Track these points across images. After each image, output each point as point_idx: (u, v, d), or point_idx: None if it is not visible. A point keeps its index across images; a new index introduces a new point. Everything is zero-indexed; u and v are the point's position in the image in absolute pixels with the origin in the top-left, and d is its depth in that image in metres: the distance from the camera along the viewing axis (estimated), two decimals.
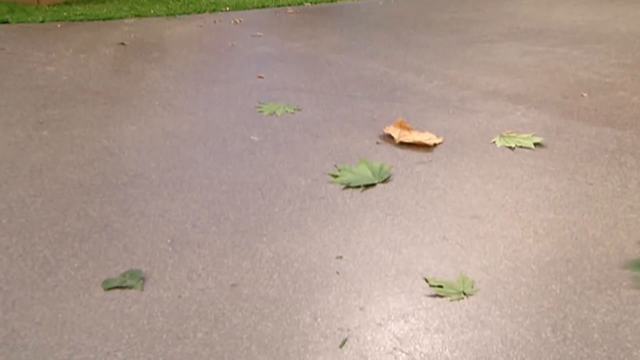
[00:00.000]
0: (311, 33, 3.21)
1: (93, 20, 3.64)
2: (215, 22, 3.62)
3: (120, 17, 3.72)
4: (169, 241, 1.10)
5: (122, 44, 2.90)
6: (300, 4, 4.39)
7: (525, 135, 1.60)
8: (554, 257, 1.04)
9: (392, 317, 0.88)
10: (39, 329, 0.86)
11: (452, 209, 1.21)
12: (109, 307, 0.91)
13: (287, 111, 1.85)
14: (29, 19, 3.56)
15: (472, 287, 0.95)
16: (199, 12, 3.98)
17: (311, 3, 4.42)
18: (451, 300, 0.92)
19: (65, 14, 3.76)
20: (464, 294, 0.94)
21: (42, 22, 3.52)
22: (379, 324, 0.87)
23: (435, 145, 1.56)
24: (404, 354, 0.81)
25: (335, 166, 1.43)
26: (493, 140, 1.59)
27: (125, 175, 1.38)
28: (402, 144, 1.57)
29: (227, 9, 4.11)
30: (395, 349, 0.82)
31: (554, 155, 1.49)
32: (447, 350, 0.81)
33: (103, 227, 1.15)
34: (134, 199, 1.26)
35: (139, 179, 1.36)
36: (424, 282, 0.97)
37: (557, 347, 0.82)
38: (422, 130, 1.65)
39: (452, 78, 2.23)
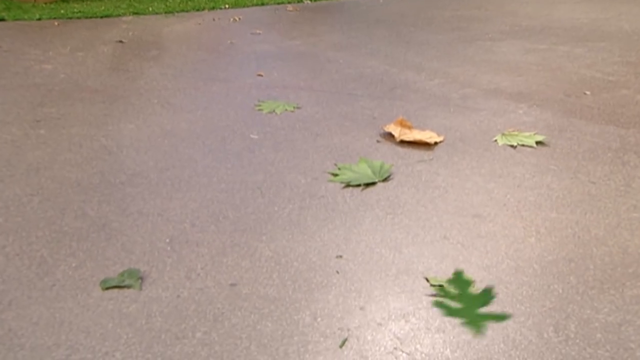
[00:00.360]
0: (311, 31, 3.20)
1: (90, 17, 3.62)
2: (214, 19, 3.61)
3: (118, 15, 3.70)
4: (167, 240, 1.09)
5: (120, 41, 2.88)
6: (300, 1, 4.37)
7: (527, 134, 1.59)
8: (556, 256, 1.03)
9: (393, 317, 0.87)
10: (36, 329, 0.85)
11: (453, 208, 1.20)
12: (107, 307, 0.90)
13: (286, 109, 1.84)
14: (26, 17, 3.55)
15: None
16: (197, 10, 3.97)
17: (311, 0, 4.41)
18: None
19: (62, 11, 3.75)
20: None
21: (39, 19, 3.50)
22: (380, 324, 0.86)
23: (436, 143, 1.55)
24: (404, 354, 0.80)
25: (335, 165, 1.42)
26: (495, 139, 1.58)
27: (124, 174, 1.37)
28: (403, 143, 1.56)
29: (226, 6, 4.10)
30: (395, 348, 0.81)
31: (556, 153, 1.48)
32: (448, 350, 0.81)
33: (101, 226, 1.14)
34: (132, 198, 1.25)
35: (137, 178, 1.35)
36: (425, 281, 0.96)
37: (559, 347, 0.81)
38: (423, 129, 1.64)
39: (453, 76, 2.21)
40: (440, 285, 0.95)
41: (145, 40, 2.94)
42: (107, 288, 0.95)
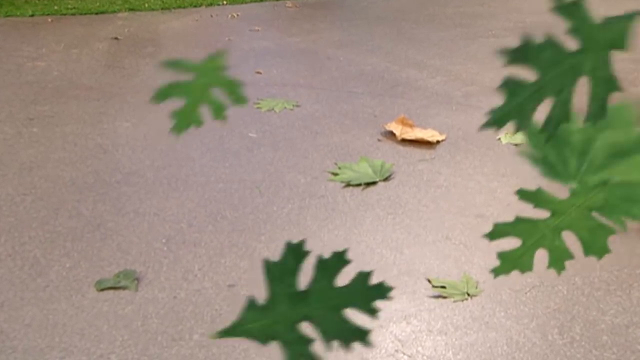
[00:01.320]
0: (311, 28, 3.18)
1: (85, 14, 3.60)
2: (211, 16, 3.59)
3: (114, 11, 3.67)
4: (164, 241, 1.07)
5: (116, 38, 2.86)
6: None
7: None
8: None
9: (394, 319, 0.86)
10: (29, 331, 0.83)
11: (456, 208, 1.18)
12: (102, 308, 0.88)
13: (286, 107, 1.82)
14: (18, 13, 3.51)
15: (477, 287, 0.93)
16: (195, 6, 3.94)
17: None
18: (454, 301, 0.90)
19: (56, 7, 3.72)
20: (468, 294, 0.91)
21: (32, 16, 3.47)
22: (381, 326, 0.84)
23: (438, 142, 1.53)
24: (405, 356, 0.78)
25: (336, 164, 1.40)
26: (498, 137, 1.56)
27: (119, 173, 1.35)
28: (404, 141, 1.54)
29: (224, 2, 4.07)
30: (397, 351, 0.80)
31: None
32: (451, 352, 0.79)
33: (96, 226, 1.12)
34: (128, 198, 1.23)
35: (133, 177, 1.33)
36: (427, 282, 0.95)
37: (564, 349, 0.79)
38: (425, 127, 1.62)
39: (455, 73, 2.20)
40: (443, 287, 0.93)
41: (141, 37, 2.91)
42: (103, 289, 0.93)
